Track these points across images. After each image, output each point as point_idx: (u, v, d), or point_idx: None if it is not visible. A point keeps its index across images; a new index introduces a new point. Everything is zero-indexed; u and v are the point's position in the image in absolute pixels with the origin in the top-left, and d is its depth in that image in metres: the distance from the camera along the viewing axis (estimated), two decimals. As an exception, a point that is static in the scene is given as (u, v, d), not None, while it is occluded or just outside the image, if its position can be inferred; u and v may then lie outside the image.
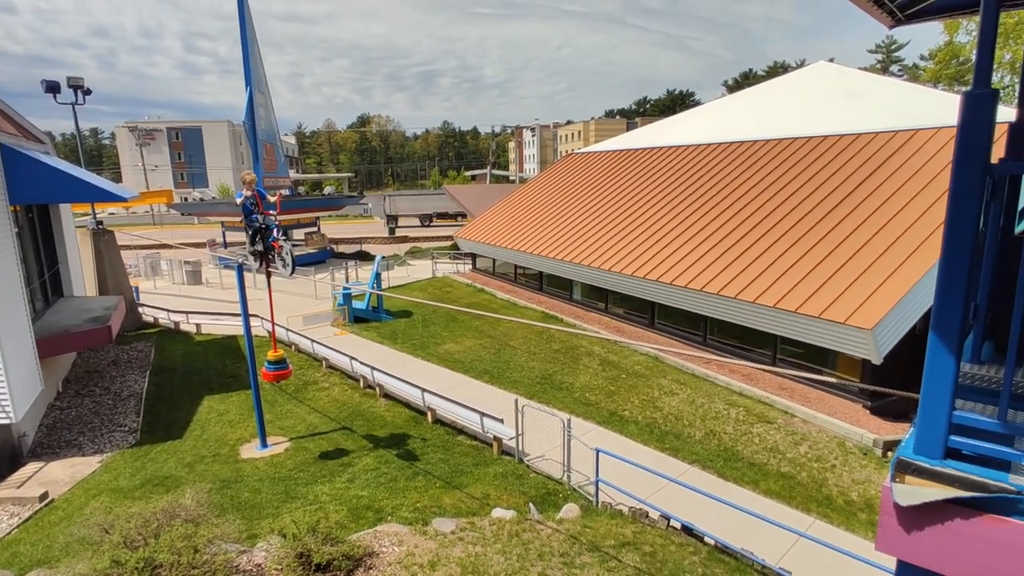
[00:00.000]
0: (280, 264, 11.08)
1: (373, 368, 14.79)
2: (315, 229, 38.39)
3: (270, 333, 19.38)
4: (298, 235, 36.15)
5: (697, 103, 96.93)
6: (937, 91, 20.56)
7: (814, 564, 8.31)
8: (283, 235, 11.19)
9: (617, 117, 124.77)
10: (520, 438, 11.55)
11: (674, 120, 30.60)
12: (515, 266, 26.48)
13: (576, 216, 24.15)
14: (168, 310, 21.70)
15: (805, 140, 19.63)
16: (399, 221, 57.21)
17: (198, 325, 21.08)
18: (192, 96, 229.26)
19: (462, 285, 27.81)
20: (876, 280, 13.08)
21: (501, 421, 11.73)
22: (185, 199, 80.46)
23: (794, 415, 13.35)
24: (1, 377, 10.97)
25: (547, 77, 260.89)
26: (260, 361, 12.19)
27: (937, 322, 2.29)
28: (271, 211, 10.95)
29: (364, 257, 36.38)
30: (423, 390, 13.35)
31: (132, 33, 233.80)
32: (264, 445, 12.20)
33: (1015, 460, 2.20)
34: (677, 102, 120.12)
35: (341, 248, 41.33)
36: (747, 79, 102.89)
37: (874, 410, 13.04)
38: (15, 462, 11.52)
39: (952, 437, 2.29)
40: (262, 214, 10.85)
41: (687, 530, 8.98)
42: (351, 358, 15.66)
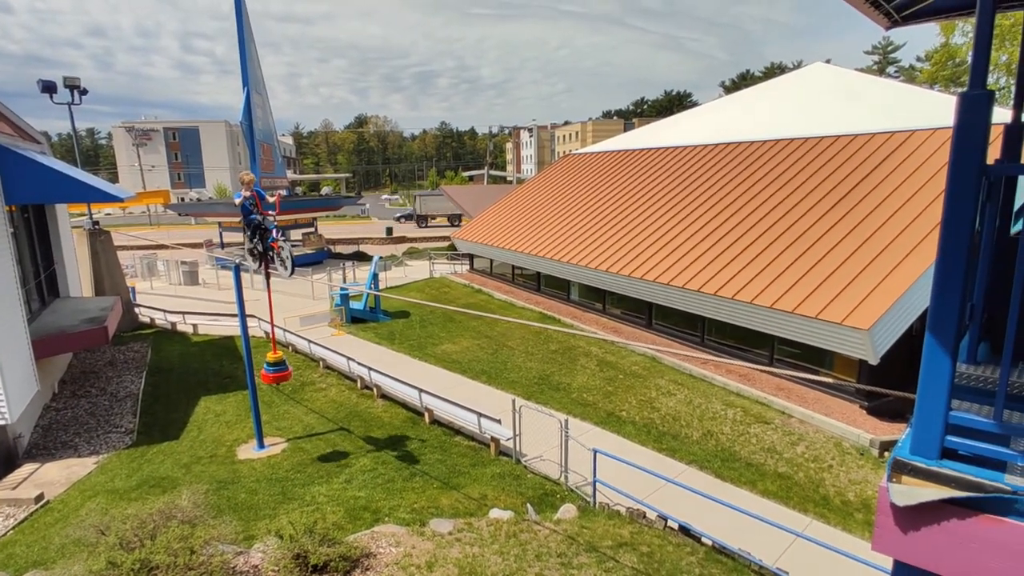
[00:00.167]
0: (279, 265, 11.02)
1: (370, 369, 14.77)
2: (312, 229, 38.35)
3: (267, 334, 19.48)
4: (295, 235, 36.10)
5: (694, 104, 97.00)
6: (933, 92, 20.61)
7: (811, 564, 8.32)
8: (282, 236, 11.15)
9: (615, 118, 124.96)
10: (517, 439, 11.55)
11: (671, 121, 30.63)
12: (513, 267, 26.49)
13: (574, 217, 24.16)
14: (165, 311, 21.65)
15: (802, 141, 19.68)
16: (428, 221, 57.66)
17: (195, 326, 21.04)
18: (189, 96, 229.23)
19: (460, 286, 27.80)
20: (873, 281, 13.12)
21: (499, 422, 11.72)
22: (182, 199, 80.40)
23: (791, 415, 13.37)
24: (-4, 378, 10.92)
25: (545, 78, 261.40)
26: (257, 362, 12.18)
27: (933, 322, 2.29)
28: (270, 211, 10.88)
29: (361, 258, 36.36)
30: (420, 391, 13.34)
31: (129, 33, 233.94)
32: (261, 446, 12.18)
33: (1011, 460, 2.21)
34: (675, 103, 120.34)
35: (338, 248, 41.29)
36: (744, 80, 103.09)
37: (871, 410, 13.07)
38: (11, 463, 11.48)
39: (948, 437, 2.29)
40: (261, 215, 10.78)
41: (684, 530, 8.99)
42: (348, 359, 15.64)
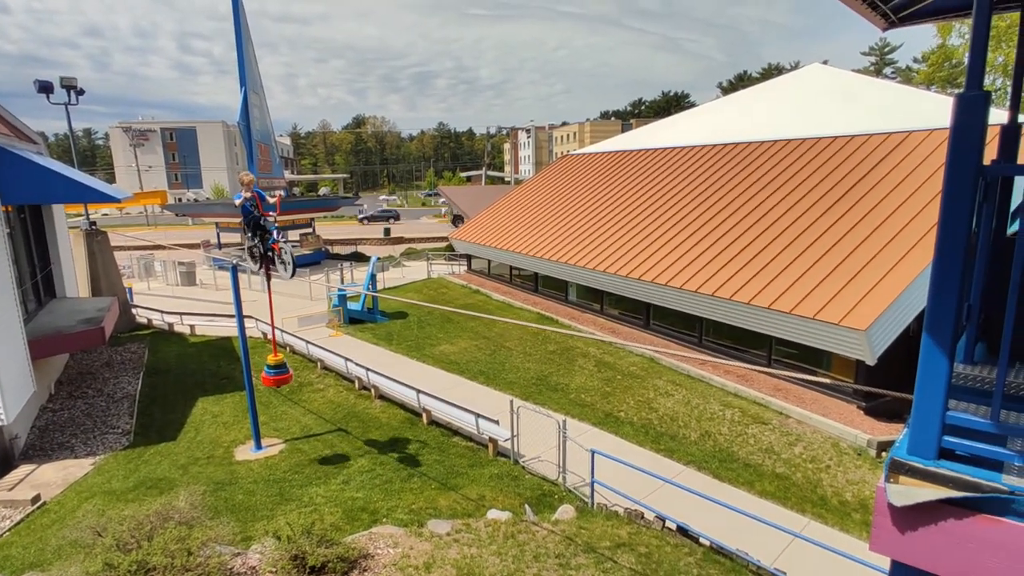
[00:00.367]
0: (280, 266, 10.93)
1: (368, 369, 14.75)
2: (310, 230, 38.31)
3: (265, 335, 19.46)
4: (293, 236, 36.04)
5: (692, 105, 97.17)
6: (930, 93, 20.66)
7: (809, 565, 8.33)
8: (282, 237, 11.08)
9: (612, 119, 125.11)
10: (516, 439, 11.54)
11: (669, 122, 30.66)
12: (510, 267, 26.48)
13: (571, 217, 24.17)
14: (162, 311, 21.60)
15: (799, 142, 19.71)
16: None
17: (192, 326, 21.00)
18: (187, 96, 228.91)
19: (457, 286, 27.78)
20: (870, 281, 13.14)
21: (497, 422, 11.70)
22: (179, 200, 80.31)
23: (789, 416, 13.39)
24: (-7, 379, 10.89)
25: (543, 78, 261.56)
26: (255, 362, 12.15)
27: (930, 323, 2.30)
28: (271, 212, 10.78)
29: (359, 258, 36.32)
30: (418, 391, 13.32)
31: (126, 33, 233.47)
32: (258, 447, 12.15)
33: (1008, 460, 2.21)
34: (672, 104, 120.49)
35: (336, 249, 41.24)
36: (742, 81, 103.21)
37: (868, 411, 13.09)
38: (7, 464, 11.44)
39: (946, 437, 2.30)
40: (262, 215, 10.67)
41: (683, 531, 8.99)
42: (346, 359, 15.62)
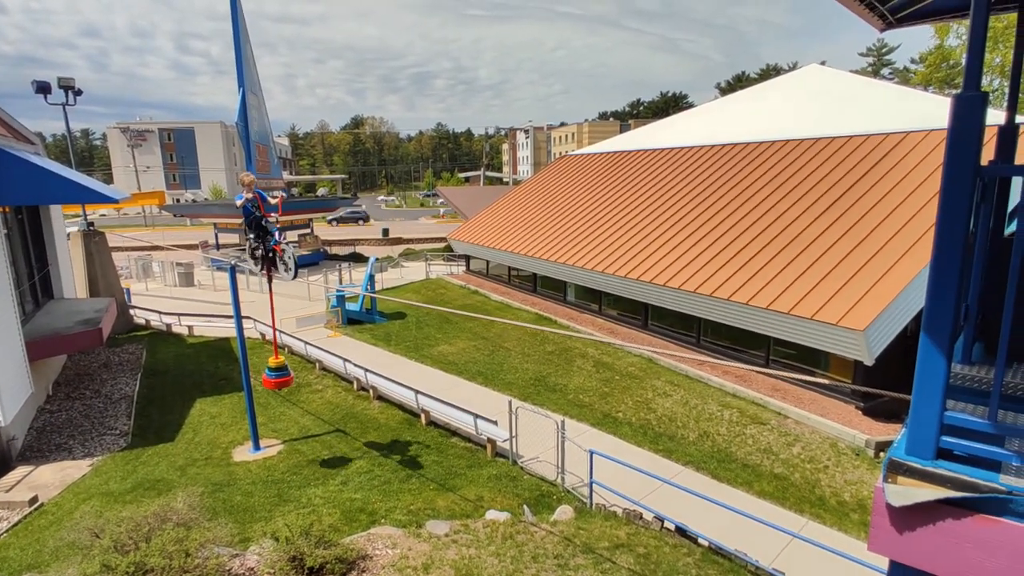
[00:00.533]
0: (282, 268, 10.85)
1: (367, 370, 14.74)
2: (309, 231, 38.28)
3: (263, 336, 19.43)
4: (291, 236, 35.99)
5: (690, 105, 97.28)
6: (928, 94, 20.72)
7: (807, 565, 8.34)
8: (284, 238, 11.01)
9: (611, 119, 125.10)
10: (514, 440, 11.54)
11: (667, 122, 30.70)
12: (509, 268, 26.48)
13: (569, 218, 24.18)
14: (160, 312, 21.57)
15: (797, 142, 19.74)
16: None
17: (190, 327, 20.96)
18: (185, 97, 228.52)
19: (456, 287, 27.78)
20: (868, 282, 13.16)
21: (495, 423, 11.70)
22: (177, 200, 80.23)
23: (787, 416, 13.40)
24: (-10, 380, 10.87)
25: (542, 79, 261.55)
26: (252, 363, 12.14)
27: (928, 323, 2.30)
28: (272, 213, 10.70)
29: (358, 259, 36.30)
30: (417, 392, 13.32)
31: (124, 33, 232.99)
32: (257, 448, 12.13)
33: (1005, 460, 2.21)
34: (670, 104, 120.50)
35: (335, 250, 41.22)
36: (740, 82, 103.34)
37: (866, 411, 13.11)
38: (4, 466, 11.40)
39: (943, 438, 2.30)
40: (263, 216, 10.57)
41: (681, 531, 8.99)
42: (345, 360, 15.61)
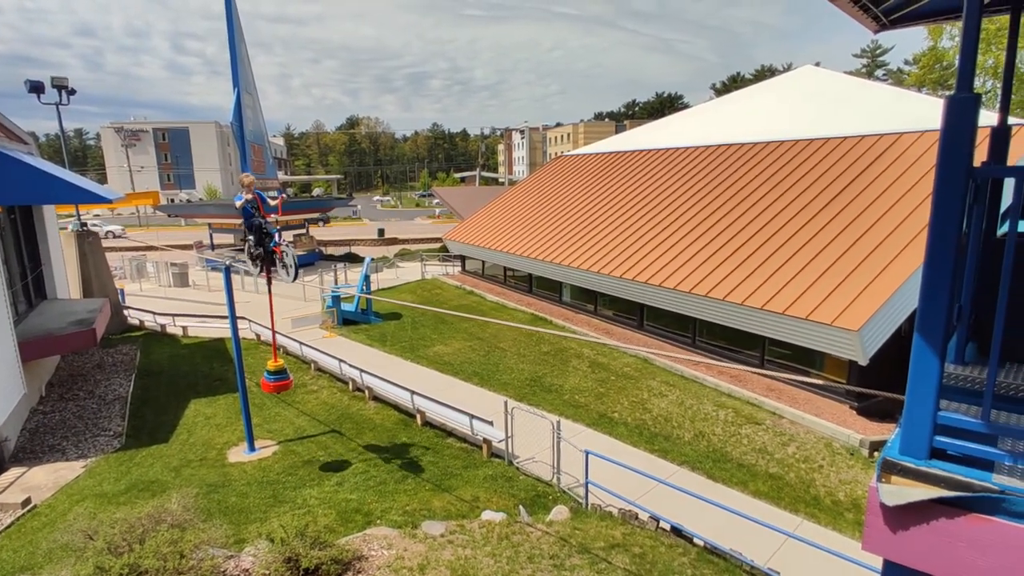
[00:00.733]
0: (282, 270, 10.69)
1: (362, 371, 14.71)
2: (304, 231, 38.19)
3: (259, 336, 19.37)
4: (287, 236, 35.89)
5: (685, 106, 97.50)
6: (921, 95, 20.83)
7: (802, 564, 8.37)
8: (282, 239, 10.88)
9: (606, 120, 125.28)
10: (510, 440, 11.54)
11: (662, 123, 30.75)
12: (504, 268, 26.48)
13: (565, 218, 24.20)
14: (154, 312, 21.46)
15: (792, 143, 19.82)
16: None
17: (185, 328, 20.87)
18: (179, 97, 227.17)
19: (451, 287, 27.76)
20: (862, 282, 13.23)
21: (491, 423, 11.70)
22: (172, 201, 79.85)
23: (782, 416, 13.45)
24: (-18, 381, 10.80)
25: (538, 79, 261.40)
26: (247, 364, 12.09)
27: (922, 324, 2.31)
28: (272, 214, 10.59)
29: (353, 259, 36.23)
30: (412, 392, 13.30)
31: (119, 33, 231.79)
32: (252, 449, 12.09)
33: (998, 460, 2.23)
34: (666, 105, 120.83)
35: (330, 250, 41.12)
36: (735, 82, 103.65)
37: (860, 411, 13.17)
38: (-4, 467, 11.34)
39: (937, 437, 2.31)
40: (263, 218, 10.44)
41: (676, 531, 9.01)
42: (340, 361, 15.57)
